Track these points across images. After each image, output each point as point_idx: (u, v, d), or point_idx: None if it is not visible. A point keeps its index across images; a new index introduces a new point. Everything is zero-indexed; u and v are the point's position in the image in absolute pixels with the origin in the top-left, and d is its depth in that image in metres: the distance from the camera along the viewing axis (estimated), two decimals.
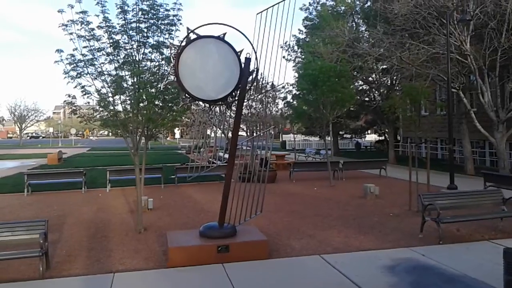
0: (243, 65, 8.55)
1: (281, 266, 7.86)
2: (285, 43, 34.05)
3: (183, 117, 25.52)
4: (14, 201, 15.45)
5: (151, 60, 10.41)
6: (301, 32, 36.23)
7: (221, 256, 7.96)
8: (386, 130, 36.43)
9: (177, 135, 71.82)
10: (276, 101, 32.60)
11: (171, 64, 9.51)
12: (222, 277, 7.19)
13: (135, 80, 10.18)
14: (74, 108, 10.42)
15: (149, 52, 10.33)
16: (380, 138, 50.49)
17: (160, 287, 6.97)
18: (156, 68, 10.42)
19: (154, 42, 10.26)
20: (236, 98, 8.76)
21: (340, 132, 45.37)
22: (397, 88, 31.54)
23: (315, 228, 10.65)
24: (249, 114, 29.65)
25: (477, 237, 9.49)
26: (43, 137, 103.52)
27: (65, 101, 10.31)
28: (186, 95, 8.59)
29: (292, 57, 36.00)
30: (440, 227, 9.20)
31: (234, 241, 8.34)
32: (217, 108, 10.74)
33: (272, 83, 30.34)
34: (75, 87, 10.15)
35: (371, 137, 59.53)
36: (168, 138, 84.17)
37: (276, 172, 20.48)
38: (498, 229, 9.99)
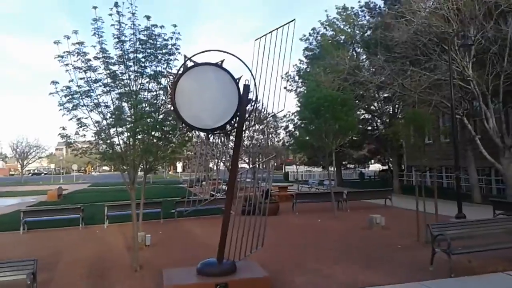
0: (241, 92, 8.28)
1: None
2: (286, 73, 34.13)
3: (184, 150, 25.27)
4: (8, 239, 15.03)
5: (149, 90, 10.18)
6: (302, 62, 36.40)
7: None
8: (390, 159, 36.03)
9: (179, 169, 71.42)
10: (278, 131, 32.45)
11: (168, 93, 9.27)
12: None
13: (132, 111, 9.94)
14: (69, 141, 10.10)
15: (147, 82, 10.12)
16: (384, 167, 50.04)
17: None
18: (153, 98, 10.18)
19: (152, 72, 10.06)
20: (235, 126, 8.44)
21: (343, 162, 45.03)
22: (400, 116, 31.39)
23: (319, 263, 10.13)
24: (251, 145, 29.39)
25: (491, 268, 8.93)
26: (45, 174, 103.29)
27: (59, 134, 10.00)
28: (183, 124, 8.28)
29: (293, 88, 36.03)
30: (451, 258, 8.71)
31: (234, 278, 7.85)
32: (218, 140, 10.44)
33: (273, 113, 30.05)
34: (71, 119, 9.90)
35: (375, 166, 59.08)
36: (170, 172, 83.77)
37: (279, 204, 19.99)
38: None
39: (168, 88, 9.50)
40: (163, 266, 9.64)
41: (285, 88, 34.32)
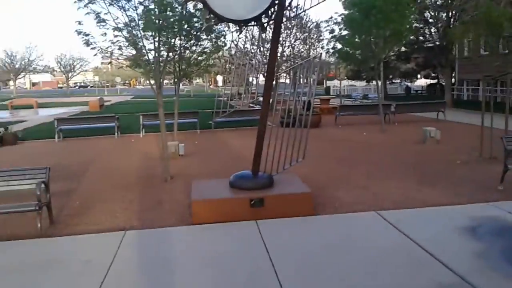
0: None
1: (329, 224, 6.37)
2: None
3: (221, 60, 24.01)
4: (42, 147, 14.70)
5: None
6: None
7: (255, 211, 6.53)
8: (440, 72, 33.56)
9: (220, 83, 70.49)
10: (321, 37, 30.39)
11: None
12: (254, 237, 5.79)
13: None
14: (87, 39, 8.98)
15: None
16: (432, 81, 47.22)
17: (173, 248, 5.65)
18: None
19: None
20: (272, 18, 7.04)
21: (390, 77, 42.73)
22: (456, 24, 28.53)
23: (368, 178, 9.02)
24: (291, 55, 27.61)
25: None
26: (91, 87, 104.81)
27: (76, 30, 8.90)
28: (211, 15, 6.95)
29: None
30: None
31: (271, 193, 6.86)
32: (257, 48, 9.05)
33: (317, 23, 28.03)
34: (87, 13, 8.75)
35: (421, 81, 55.89)
36: (210, 86, 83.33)
37: (321, 116, 18.76)
38: None
39: None
40: (196, 177, 8.83)
41: None
